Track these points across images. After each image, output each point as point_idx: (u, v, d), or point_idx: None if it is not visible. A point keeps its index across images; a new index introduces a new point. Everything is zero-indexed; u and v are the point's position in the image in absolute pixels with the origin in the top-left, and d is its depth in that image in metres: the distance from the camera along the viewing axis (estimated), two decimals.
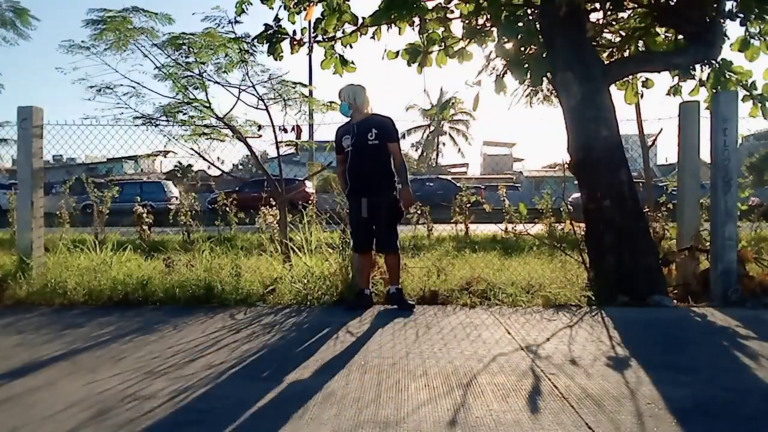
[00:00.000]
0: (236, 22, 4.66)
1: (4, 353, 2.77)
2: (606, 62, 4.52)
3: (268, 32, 4.66)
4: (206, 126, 5.08)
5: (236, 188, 13.05)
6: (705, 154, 4.26)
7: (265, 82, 4.88)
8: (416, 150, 44.06)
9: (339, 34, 4.79)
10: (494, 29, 4.56)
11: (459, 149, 44.04)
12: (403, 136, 35.12)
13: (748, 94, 4.49)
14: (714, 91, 4.47)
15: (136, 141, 5.30)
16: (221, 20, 4.59)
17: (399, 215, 3.78)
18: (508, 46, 4.29)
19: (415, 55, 4.81)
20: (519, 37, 4.07)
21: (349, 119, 3.85)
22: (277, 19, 4.67)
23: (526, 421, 1.92)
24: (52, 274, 4.23)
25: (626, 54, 4.81)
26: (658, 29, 4.67)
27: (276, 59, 4.71)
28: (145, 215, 7.37)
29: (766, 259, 4.20)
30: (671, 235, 4.57)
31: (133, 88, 4.76)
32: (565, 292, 3.87)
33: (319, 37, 4.79)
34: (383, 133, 3.69)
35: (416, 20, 4.63)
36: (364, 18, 4.65)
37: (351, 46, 4.87)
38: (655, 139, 5.15)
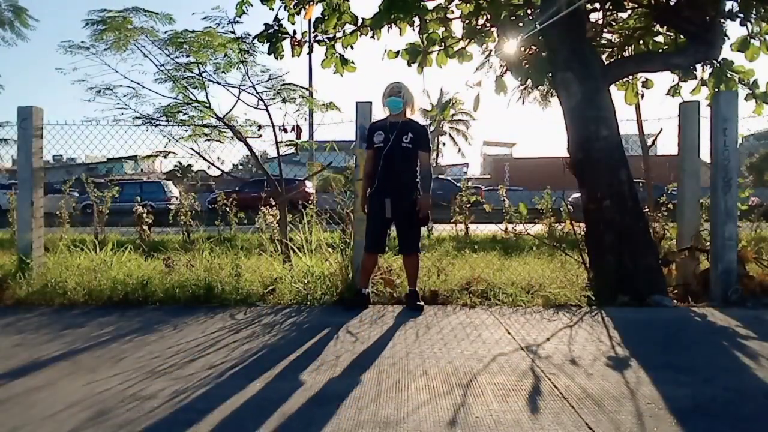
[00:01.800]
0: (236, 22, 4.67)
1: (4, 353, 2.77)
2: (606, 62, 4.53)
3: (269, 32, 4.66)
4: (206, 126, 5.08)
5: (236, 188, 13.07)
6: (705, 154, 4.26)
7: (266, 82, 4.88)
8: None
9: (339, 34, 4.80)
10: (494, 29, 4.56)
11: (459, 149, 44.08)
12: None
13: (750, 93, 4.49)
14: (716, 90, 4.47)
15: (136, 141, 5.30)
16: (221, 20, 4.60)
17: (425, 219, 3.77)
18: (508, 46, 4.29)
19: (415, 55, 4.81)
20: (519, 37, 4.07)
21: (385, 116, 3.85)
22: (277, 19, 4.67)
23: (526, 421, 1.92)
24: (52, 274, 4.23)
25: (626, 54, 4.81)
26: (658, 29, 4.67)
27: (277, 58, 4.71)
28: (145, 215, 7.37)
29: (766, 259, 4.20)
30: (671, 235, 4.57)
31: (133, 88, 4.77)
32: (565, 292, 3.87)
33: (320, 37, 4.79)
34: (419, 139, 3.73)
35: (416, 20, 4.64)
36: (364, 18, 4.66)
37: (351, 47, 4.87)
38: (655, 139, 5.15)
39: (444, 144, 44.78)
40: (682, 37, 4.41)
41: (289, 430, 1.87)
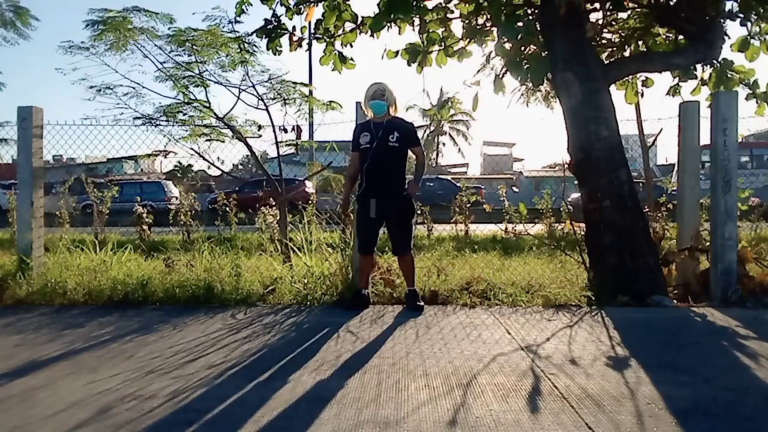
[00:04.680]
0: (236, 21, 4.67)
1: (4, 353, 2.77)
2: (606, 62, 4.52)
3: (268, 27, 4.66)
4: (206, 126, 5.08)
5: (236, 188, 13.07)
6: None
7: (266, 81, 4.88)
8: None
9: (339, 32, 4.79)
10: (494, 29, 4.56)
11: (459, 149, 44.10)
12: None
13: (751, 92, 4.49)
14: (716, 90, 4.47)
15: (136, 141, 5.32)
16: (221, 20, 4.60)
17: (411, 215, 3.78)
18: (508, 46, 4.29)
19: (415, 54, 4.81)
20: (519, 37, 4.06)
21: (368, 118, 3.87)
22: (275, 16, 4.67)
23: (526, 421, 1.92)
24: (52, 274, 4.23)
25: (626, 54, 4.81)
26: (658, 29, 4.67)
27: (275, 54, 4.70)
28: (145, 215, 7.37)
29: (766, 259, 4.20)
30: (671, 235, 4.57)
31: (133, 88, 4.77)
32: (565, 292, 3.87)
33: (319, 35, 4.78)
34: (406, 137, 3.77)
35: (416, 20, 4.63)
36: (363, 17, 4.66)
37: (351, 45, 4.87)
38: (655, 139, 5.15)
39: (444, 144, 44.81)
40: (682, 37, 4.41)
41: (290, 430, 1.87)
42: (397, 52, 4.81)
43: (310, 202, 5.21)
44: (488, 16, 4.54)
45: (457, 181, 16.31)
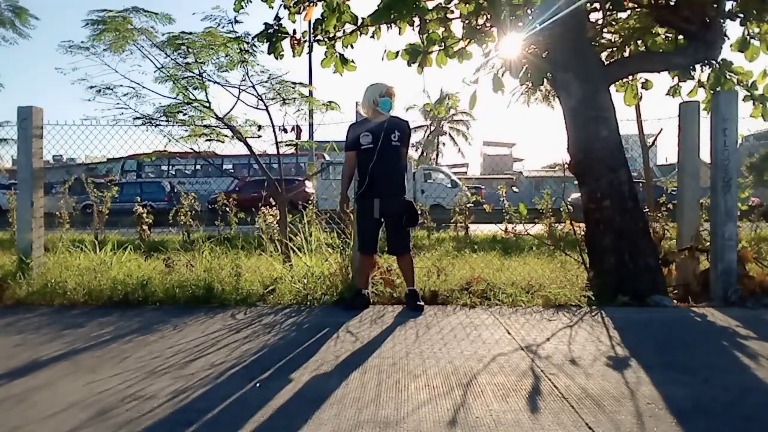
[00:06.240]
0: (236, 21, 4.67)
1: (4, 353, 2.77)
2: (606, 62, 4.53)
3: (269, 31, 4.66)
4: (206, 126, 5.08)
5: (236, 188, 13.08)
6: (705, 154, 4.27)
7: (265, 82, 4.88)
8: (416, 150, 44.04)
9: (339, 33, 4.79)
10: (494, 29, 4.57)
11: (459, 149, 44.06)
12: None
13: (748, 94, 4.50)
14: (713, 91, 4.48)
15: (136, 141, 5.32)
16: (221, 20, 4.60)
17: (414, 218, 3.79)
18: (508, 46, 4.29)
19: (415, 55, 4.81)
20: (519, 37, 4.06)
21: (365, 116, 3.89)
22: (277, 18, 4.67)
23: (526, 421, 1.92)
24: (52, 274, 4.23)
25: (626, 54, 4.81)
26: (658, 29, 4.67)
27: (276, 58, 4.70)
28: (145, 215, 7.36)
29: (766, 259, 4.20)
30: (671, 235, 4.57)
31: (133, 88, 4.77)
32: (565, 292, 3.86)
33: (319, 37, 4.79)
34: (403, 136, 3.81)
35: (416, 20, 4.63)
36: (363, 18, 4.66)
37: (351, 46, 4.87)
38: (655, 139, 5.15)
39: (444, 144, 44.77)
40: (682, 37, 4.41)
41: (290, 430, 1.87)
42: (397, 53, 4.81)
43: (309, 201, 5.21)
44: (488, 16, 4.54)
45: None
